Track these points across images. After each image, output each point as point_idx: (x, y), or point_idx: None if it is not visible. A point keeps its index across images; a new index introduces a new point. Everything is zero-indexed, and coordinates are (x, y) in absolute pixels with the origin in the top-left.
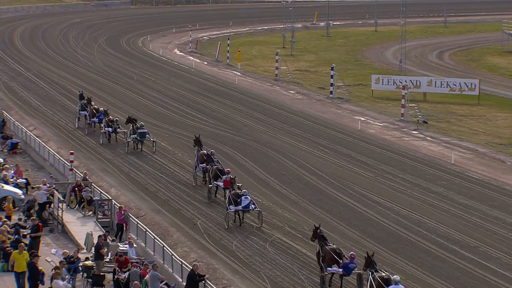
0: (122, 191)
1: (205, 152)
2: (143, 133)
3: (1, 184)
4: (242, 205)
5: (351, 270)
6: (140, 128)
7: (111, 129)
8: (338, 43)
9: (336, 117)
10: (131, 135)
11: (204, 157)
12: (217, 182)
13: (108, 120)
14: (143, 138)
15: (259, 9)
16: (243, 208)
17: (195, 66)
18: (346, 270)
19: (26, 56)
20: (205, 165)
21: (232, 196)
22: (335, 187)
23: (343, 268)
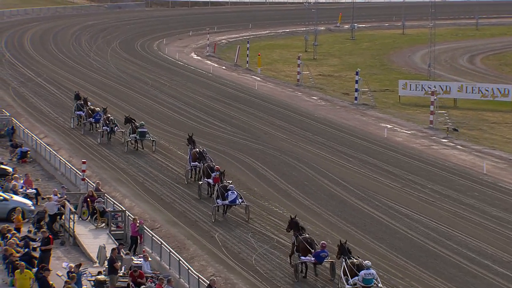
0: (136, 202)
1: (197, 150)
2: (143, 132)
3: (10, 195)
4: (229, 200)
5: (322, 259)
6: (140, 127)
7: (108, 128)
8: (363, 47)
9: (361, 125)
10: (131, 135)
11: (196, 155)
12: (207, 179)
13: (106, 119)
14: (143, 138)
15: (280, 11)
16: (230, 203)
17: (213, 71)
18: (318, 258)
19: (36, 60)
20: (197, 163)
21: (220, 190)
22: (360, 198)
23: (315, 257)
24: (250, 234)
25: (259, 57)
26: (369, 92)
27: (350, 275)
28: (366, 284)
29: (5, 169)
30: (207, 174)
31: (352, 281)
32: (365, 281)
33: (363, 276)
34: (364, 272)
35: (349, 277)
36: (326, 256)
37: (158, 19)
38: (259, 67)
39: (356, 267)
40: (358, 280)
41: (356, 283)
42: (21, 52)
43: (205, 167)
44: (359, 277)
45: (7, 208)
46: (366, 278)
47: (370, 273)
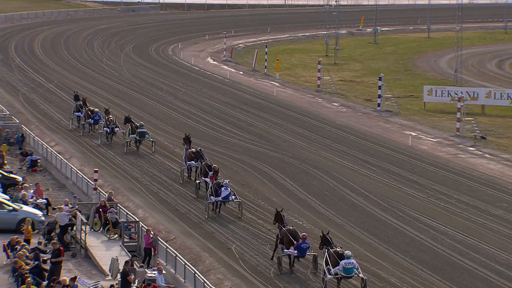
0: (150, 213)
1: (193, 150)
2: (143, 132)
3: (19, 205)
4: (222, 196)
5: (304, 251)
6: (140, 127)
7: (109, 129)
8: (386, 51)
9: (384, 132)
10: (130, 135)
11: (192, 155)
12: (204, 178)
13: (107, 120)
14: (142, 138)
15: (300, 14)
16: (223, 199)
17: (230, 76)
18: (300, 250)
19: (47, 65)
20: (193, 162)
21: (214, 187)
22: (383, 209)
23: (296, 248)
24: (268, 246)
25: (278, 62)
26: (393, 98)
27: (332, 265)
28: (346, 273)
29: (14, 178)
30: (204, 173)
31: (333, 270)
32: (345, 270)
33: (343, 265)
34: (345, 261)
35: (331, 267)
36: (308, 247)
37: (173, 23)
38: (277, 72)
39: (338, 256)
40: (339, 270)
41: (337, 272)
42: (31, 57)
43: (202, 166)
44: (340, 266)
45: (17, 218)
46: (346, 268)
47: (350, 262)
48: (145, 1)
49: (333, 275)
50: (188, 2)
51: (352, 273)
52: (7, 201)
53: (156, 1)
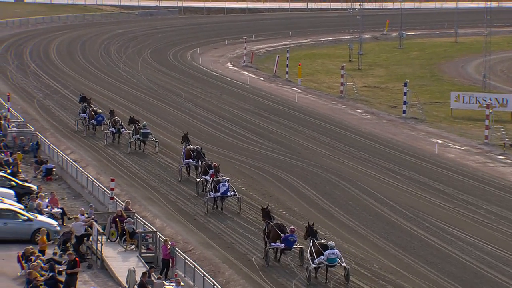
0: (168, 223)
1: (191, 148)
2: (146, 133)
3: (34, 215)
4: (220, 192)
5: (291, 243)
6: (143, 128)
7: (115, 129)
8: (412, 56)
9: (409, 140)
10: (134, 135)
11: (190, 153)
12: (204, 176)
13: (113, 121)
14: (146, 138)
15: (322, 18)
16: (221, 195)
17: (250, 82)
18: (287, 243)
19: (62, 71)
20: (191, 160)
21: (213, 183)
22: (409, 219)
23: (283, 241)
24: (290, 258)
25: (300, 68)
26: (419, 105)
27: (316, 255)
28: (330, 263)
29: (29, 187)
30: (204, 172)
31: (317, 260)
32: (329, 260)
33: (327, 256)
34: (328, 252)
35: (315, 257)
36: (295, 240)
37: (192, 27)
38: (299, 78)
39: (323, 247)
40: (323, 260)
41: (321, 262)
42: (46, 62)
43: (202, 165)
44: (324, 257)
45: (31, 228)
46: (330, 258)
47: (333, 253)
48: (163, 5)
49: (317, 264)
50: (207, 6)
51: (335, 263)
52: (21, 211)
53: (174, 5)
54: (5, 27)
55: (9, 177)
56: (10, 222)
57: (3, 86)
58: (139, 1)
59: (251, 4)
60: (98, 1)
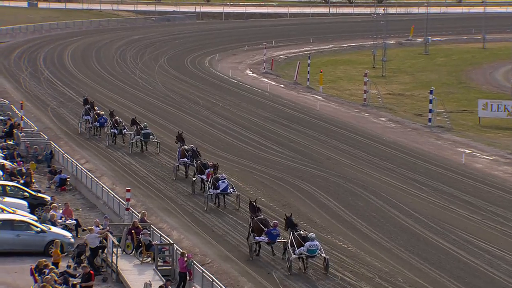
0: (185, 234)
1: (186, 148)
2: (147, 133)
3: (48, 226)
4: (220, 189)
5: (275, 237)
6: (144, 129)
7: (117, 130)
8: (438, 62)
9: (435, 149)
10: (135, 136)
11: (185, 152)
12: (200, 175)
13: (114, 122)
14: (147, 139)
15: (345, 23)
16: (221, 192)
17: (270, 90)
18: (270, 236)
19: (77, 78)
20: (186, 159)
21: (212, 181)
22: (435, 232)
23: (267, 234)
24: (311, 271)
25: (321, 74)
26: (445, 113)
27: (297, 246)
28: (310, 254)
29: (42, 198)
30: (200, 171)
31: (298, 251)
32: (309, 251)
33: (308, 247)
34: (309, 243)
35: (296, 248)
36: (278, 234)
37: (210, 33)
38: (321, 85)
39: (302, 238)
40: (303, 251)
41: (301, 253)
42: (61, 69)
43: (198, 164)
44: (304, 248)
45: (45, 240)
46: (310, 249)
47: (314, 244)
48: (180, 11)
49: (297, 254)
50: (226, 11)
51: (315, 253)
52: (34, 222)
53: (192, 10)
54: (19, 32)
55: (22, 188)
56: (23, 234)
57: (16, 93)
58: (156, 6)
59: (271, 9)
60: (114, 6)
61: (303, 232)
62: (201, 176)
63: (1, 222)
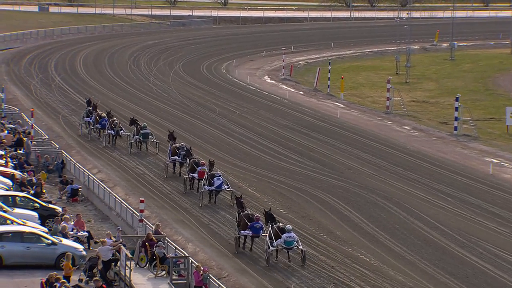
0: (201, 247)
1: (177, 146)
2: (146, 133)
3: (59, 238)
4: (215, 185)
5: (258, 230)
6: (143, 128)
7: (114, 131)
8: (464, 68)
9: (461, 159)
10: (134, 136)
11: (176, 150)
12: (192, 174)
13: (111, 123)
14: (146, 139)
15: (367, 28)
16: (216, 188)
17: (289, 97)
18: (254, 230)
19: (89, 85)
20: (176, 157)
21: (208, 177)
22: (461, 245)
23: (250, 229)
24: (332, 285)
25: (342, 81)
26: (471, 121)
27: (275, 238)
28: (287, 245)
29: (53, 209)
30: (192, 169)
31: (276, 243)
32: (286, 243)
33: (284, 238)
34: (286, 235)
35: (274, 240)
36: (261, 227)
37: (227, 38)
38: (342, 92)
39: (280, 230)
40: (280, 242)
41: (279, 245)
42: (72, 75)
43: (190, 163)
44: (281, 239)
45: (56, 253)
46: (287, 241)
47: (290, 236)
48: (196, 15)
49: (275, 247)
50: (243, 15)
51: (292, 245)
52: (45, 234)
53: (208, 14)
54: (29, 38)
55: (32, 198)
56: (33, 246)
57: (26, 101)
58: (171, 10)
59: (290, 13)
60: (127, 10)
61: (282, 225)
62: (192, 175)
63: (11, 234)
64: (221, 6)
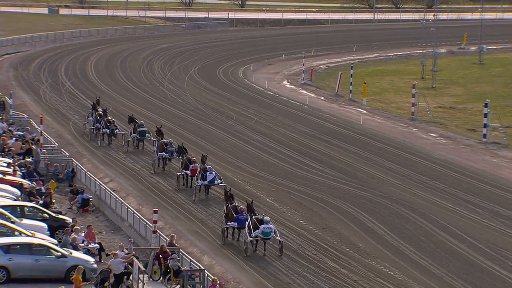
0: (217, 260)
1: (165, 141)
2: (143, 131)
3: (69, 250)
4: (207, 180)
5: (242, 222)
6: (140, 126)
7: (109, 130)
8: (493, 73)
9: (491, 168)
10: (132, 134)
11: (163, 146)
12: (185, 171)
13: (107, 121)
14: (143, 137)
15: (391, 30)
16: (208, 183)
17: (309, 102)
18: (239, 222)
19: (101, 90)
20: (164, 153)
21: (201, 172)
22: (490, 258)
23: (236, 221)
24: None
25: (365, 86)
26: (501, 128)
27: (253, 229)
28: (265, 236)
29: (63, 220)
30: (185, 166)
31: (254, 234)
32: (264, 234)
33: (262, 229)
34: (264, 226)
35: (252, 231)
36: (245, 218)
37: (244, 41)
38: (364, 97)
39: (259, 221)
40: (258, 233)
41: (257, 235)
42: (83, 80)
43: (183, 160)
44: (259, 230)
45: (66, 266)
46: (265, 231)
47: (268, 227)
48: (212, 17)
49: (253, 237)
50: (261, 17)
51: (269, 236)
52: (54, 246)
53: (225, 16)
54: (38, 41)
55: (41, 209)
56: (42, 258)
57: (35, 107)
58: (186, 12)
59: (310, 15)
60: (140, 12)
61: (260, 216)
62: (185, 172)
63: (19, 246)
64: (238, 7)
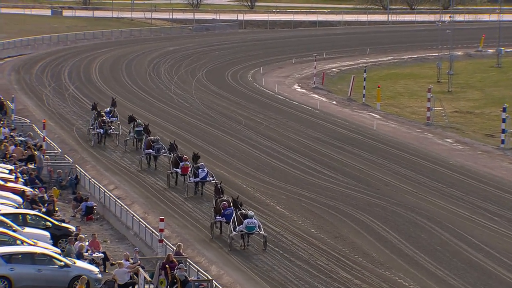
0: (225, 269)
1: (152, 139)
2: (140, 131)
3: (72, 260)
4: (199, 177)
5: (229, 217)
6: (138, 126)
7: (103, 130)
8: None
9: (509, 175)
10: (130, 133)
11: (150, 143)
12: (175, 168)
13: (101, 121)
14: (140, 136)
15: (405, 32)
16: (200, 180)
17: (321, 107)
18: (226, 217)
19: (105, 94)
20: (151, 150)
21: (193, 169)
22: (509, 268)
23: (223, 216)
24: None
25: (379, 90)
26: None
27: (237, 223)
28: (248, 230)
29: (67, 228)
30: (175, 164)
31: (238, 228)
32: (248, 228)
33: (246, 224)
34: (247, 220)
35: (236, 226)
36: (231, 213)
37: (253, 44)
38: (378, 102)
39: (243, 216)
40: (242, 228)
41: (241, 230)
42: (87, 84)
43: (174, 157)
44: (243, 225)
45: (69, 276)
46: (248, 226)
47: (252, 221)
48: (221, 19)
49: (238, 232)
50: (271, 19)
51: (253, 230)
52: (58, 255)
53: (234, 18)
54: (41, 44)
55: (44, 217)
56: (45, 268)
57: (38, 112)
58: (194, 14)
59: (322, 16)
60: (146, 14)
61: (245, 211)
62: (176, 170)
63: (21, 256)
64: (247, 9)
